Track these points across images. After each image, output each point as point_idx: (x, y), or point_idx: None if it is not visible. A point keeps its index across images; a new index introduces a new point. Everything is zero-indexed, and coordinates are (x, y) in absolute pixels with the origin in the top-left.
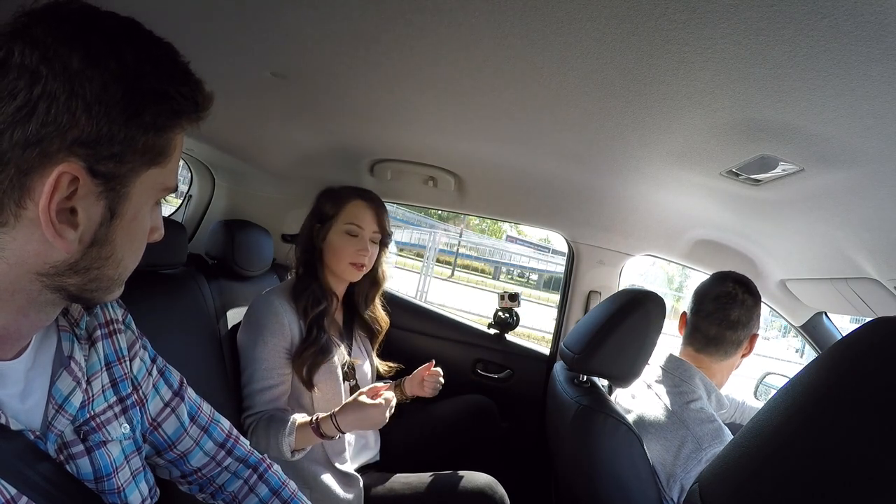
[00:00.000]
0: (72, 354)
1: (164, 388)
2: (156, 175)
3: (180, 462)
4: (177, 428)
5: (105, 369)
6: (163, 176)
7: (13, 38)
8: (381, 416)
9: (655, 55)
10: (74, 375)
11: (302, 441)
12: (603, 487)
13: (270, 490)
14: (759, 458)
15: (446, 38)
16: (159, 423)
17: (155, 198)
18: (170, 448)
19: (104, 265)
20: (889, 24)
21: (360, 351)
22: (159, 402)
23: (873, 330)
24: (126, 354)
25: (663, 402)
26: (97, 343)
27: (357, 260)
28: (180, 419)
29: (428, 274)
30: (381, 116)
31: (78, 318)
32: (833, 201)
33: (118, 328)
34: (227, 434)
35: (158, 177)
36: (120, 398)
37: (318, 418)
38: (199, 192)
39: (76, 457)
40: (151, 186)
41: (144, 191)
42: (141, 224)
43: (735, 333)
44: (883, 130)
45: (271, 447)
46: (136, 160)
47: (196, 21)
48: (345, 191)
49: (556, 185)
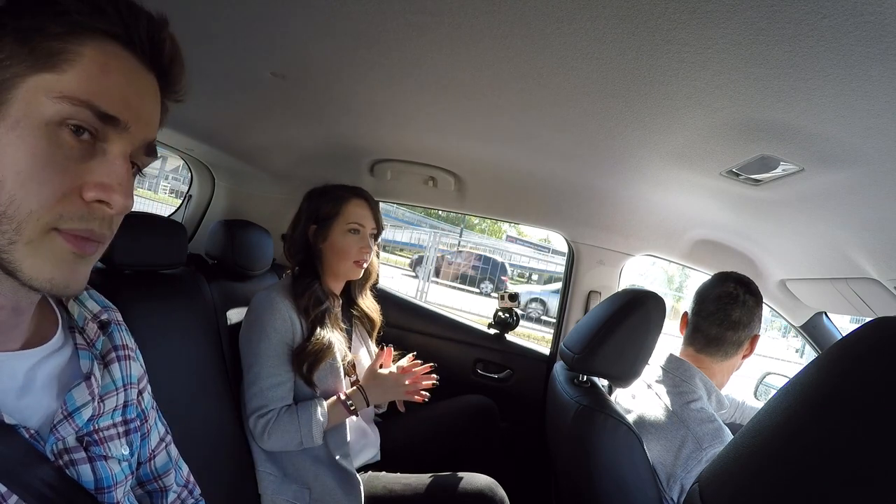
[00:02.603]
0: (92, 371)
1: (160, 425)
2: (49, 81)
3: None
4: (166, 462)
5: (120, 391)
6: (61, 83)
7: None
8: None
9: (655, 55)
10: (91, 390)
11: (333, 420)
12: (603, 487)
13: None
14: (759, 459)
15: (446, 39)
16: (155, 455)
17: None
18: (155, 480)
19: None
20: (889, 24)
21: (360, 343)
22: (157, 436)
23: (873, 330)
24: (135, 383)
25: (663, 402)
26: (111, 365)
27: (361, 258)
28: (170, 455)
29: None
30: (381, 116)
31: (94, 338)
32: (833, 201)
33: (131, 355)
34: (185, 479)
35: (54, 83)
36: (125, 420)
37: (346, 393)
38: (199, 192)
39: (77, 462)
40: (41, 93)
41: (31, 97)
42: (28, 141)
43: (736, 334)
44: (883, 130)
45: (303, 435)
46: (18, 65)
47: (196, 21)
48: (339, 190)
49: (556, 185)
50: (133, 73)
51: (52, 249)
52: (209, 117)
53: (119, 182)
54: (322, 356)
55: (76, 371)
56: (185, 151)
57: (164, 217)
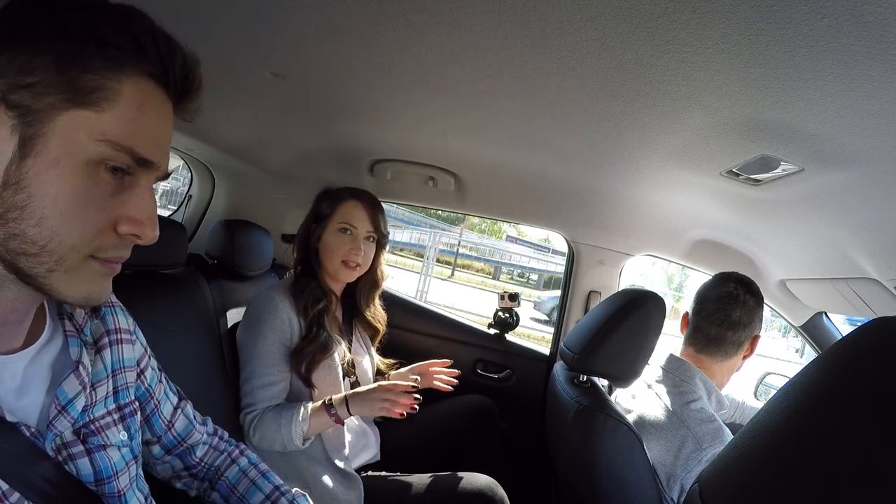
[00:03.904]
0: (80, 360)
1: (172, 394)
2: (89, 120)
3: (186, 454)
4: (186, 425)
5: (110, 377)
6: (103, 125)
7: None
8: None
9: (656, 55)
10: (81, 380)
11: (315, 426)
12: (603, 487)
13: (249, 462)
14: (759, 458)
15: (446, 39)
16: (172, 424)
17: (96, 152)
18: (180, 444)
19: (21, 217)
20: (889, 24)
21: (361, 347)
22: (170, 406)
23: (873, 330)
24: (132, 366)
25: (663, 402)
26: (103, 350)
27: (349, 259)
28: (188, 418)
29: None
30: (381, 116)
31: (82, 323)
32: (833, 201)
33: (126, 338)
34: (213, 427)
35: (94, 124)
36: (119, 406)
37: (331, 399)
38: (199, 192)
39: (76, 457)
40: (82, 132)
41: (70, 135)
42: (68, 179)
43: (736, 334)
44: (883, 130)
45: (283, 435)
46: (54, 95)
47: (196, 21)
48: (341, 191)
49: (556, 185)
50: (164, 112)
51: (88, 272)
52: (209, 117)
53: (149, 216)
54: (320, 356)
55: (67, 360)
56: (185, 151)
57: (164, 217)
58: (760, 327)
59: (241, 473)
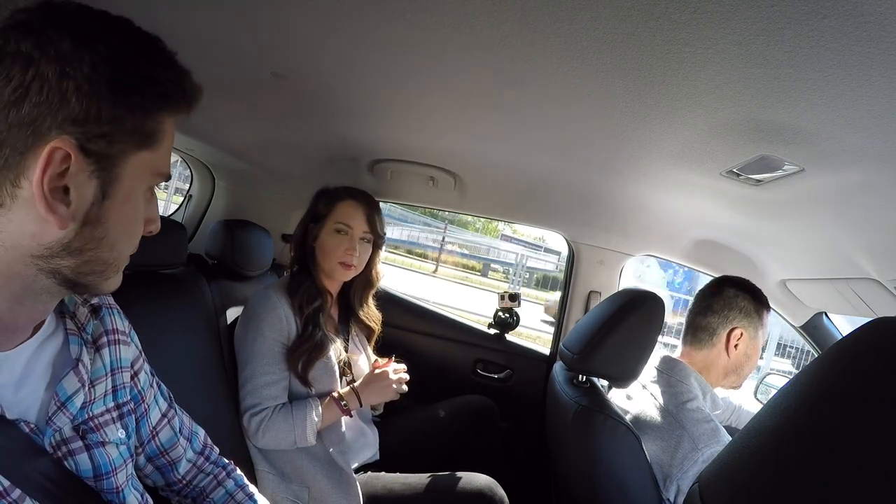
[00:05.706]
0: (80, 357)
1: (161, 400)
2: (147, 159)
3: (168, 469)
4: (170, 437)
5: (109, 375)
6: (154, 161)
7: (9, 29)
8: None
9: (656, 55)
10: (81, 377)
11: (326, 421)
12: (603, 488)
13: (237, 484)
14: (759, 459)
15: (446, 39)
16: (157, 432)
17: (148, 183)
18: (162, 455)
19: (98, 247)
20: (889, 24)
21: (357, 347)
22: (158, 413)
23: (873, 330)
24: (127, 366)
25: (659, 403)
26: (102, 349)
27: (345, 259)
28: (174, 429)
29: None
30: (381, 116)
31: (84, 322)
32: (833, 201)
33: (122, 339)
34: (203, 443)
35: (150, 161)
36: (117, 405)
37: (339, 393)
38: (199, 192)
39: (75, 453)
40: (143, 170)
41: (136, 173)
42: (134, 208)
43: (706, 319)
44: (883, 130)
45: (297, 434)
46: (126, 141)
47: (196, 21)
48: (338, 191)
49: (557, 185)
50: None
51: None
52: (209, 117)
53: (157, 216)
54: (316, 354)
55: (68, 357)
56: (185, 151)
57: (163, 217)
58: (748, 324)
59: (227, 496)
